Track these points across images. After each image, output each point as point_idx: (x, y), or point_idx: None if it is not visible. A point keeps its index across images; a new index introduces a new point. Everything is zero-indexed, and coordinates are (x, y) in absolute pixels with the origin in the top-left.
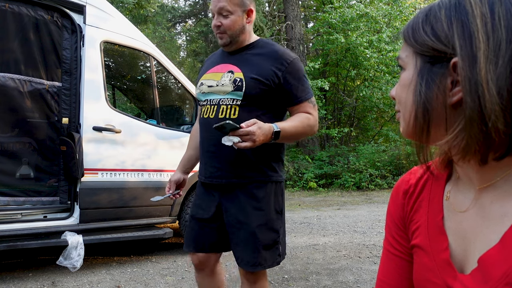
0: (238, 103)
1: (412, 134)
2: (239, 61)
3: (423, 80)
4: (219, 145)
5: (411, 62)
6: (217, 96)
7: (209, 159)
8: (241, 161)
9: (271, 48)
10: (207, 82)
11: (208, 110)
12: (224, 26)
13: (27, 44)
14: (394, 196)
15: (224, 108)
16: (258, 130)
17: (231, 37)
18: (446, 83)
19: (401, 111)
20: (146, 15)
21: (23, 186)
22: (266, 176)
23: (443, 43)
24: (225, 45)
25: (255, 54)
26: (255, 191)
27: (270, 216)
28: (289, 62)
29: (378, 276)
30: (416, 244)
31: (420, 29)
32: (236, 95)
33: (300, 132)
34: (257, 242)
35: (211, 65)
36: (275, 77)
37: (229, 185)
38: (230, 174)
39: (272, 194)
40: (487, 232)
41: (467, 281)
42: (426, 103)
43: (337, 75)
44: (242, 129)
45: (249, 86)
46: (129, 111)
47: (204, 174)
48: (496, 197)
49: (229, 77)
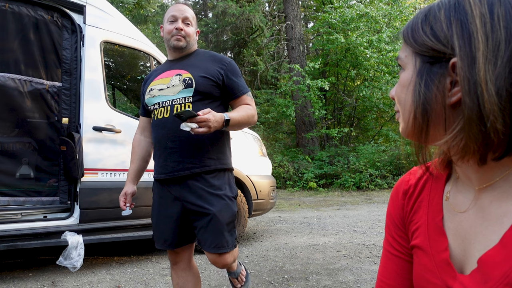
0: (190, 100)
1: (411, 134)
2: (185, 66)
3: (422, 80)
4: (178, 141)
5: (411, 62)
6: (168, 98)
7: (169, 155)
8: (198, 151)
9: (209, 53)
10: (156, 86)
11: (161, 111)
12: (185, 32)
13: (27, 44)
14: (393, 197)
15: (178, 107)
16: (213, 117)
17: (188, 43)
18: (445, 83)
19: (401, 111)
20: (146, 15)
21: (23, 186)
22: (222, 163)
23: (442, 43)
24: (181, 47)
25: (197, 59)
26: (213, 179)
27: (227, 201)
28: (228, 63)
29: (378, 276)
30: (416, 244)
31: (420, 30)
32: (187, 92)
33: (245, 120)
34: (220, 225)
35: (157, 74)
36: (220, 75)
37: (190, 176)
38: (191, 165)
39: (227, 180)
40: (486, 232)
41: (466, 281)
42: (425, 103)
43: (337, 75)
44: (199, 117)
45: (198, 83)
46: (129, 111)
47: (165, 171)
48: (495, 197)
49: (178, 78)
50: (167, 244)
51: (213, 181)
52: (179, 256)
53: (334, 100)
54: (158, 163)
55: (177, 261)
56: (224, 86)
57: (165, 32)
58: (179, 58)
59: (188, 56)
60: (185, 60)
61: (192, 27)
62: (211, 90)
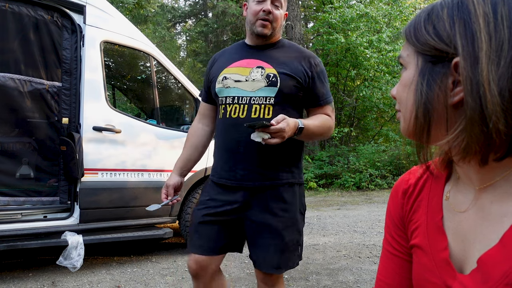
0: (271, 102)
1: (412, 134)
2: (268, 58)
3: (424, 80)
4: (249, 147)
5: (413, 62)
6: (246, 94)
7: (239, 162)
8: (272, 162)
9: (296, 47)
10: (232, 76)
11: (236, 109)
12: (274, 15)
13: (27, 44)
14: (393, 196)
15: (257, 107)
16: (287, 126)
17: (273, 29)
18: (448, 83)
19: (402, 111)
20: (146, 15)
21: (23, 186)
22: (294, 177)
23: (445, 43)
24: (265, 35)
25: (282, 52)
26: (285, 194)
27: (296, 217)
28: (317, 64)
29: (377, 276)
30: (415, 244)
31: (422, 28)
32: (269, 92)
33: (320, 132)
34: (283, 244)
35: (233, 59)
36: (306, 76)
37: (260, 188)
38: (262, 176)
39: (297, 195)
40: (486, 232)
41: (466, 281)
42: (427, 103)
43: (337, 75)
44: (273, 127)
45: (283, 83)
46: (129, 111)
47: (232, 177)
48: (495, 197)
49: (260, 72)
50: (209, 250)
51: (284, 195)
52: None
53: (334, 100)
54: (223, 167)
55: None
56: (309, 90)
57: (250, 13)
58: (260, 46)
59: (271, 46)
60: (268, 50)
61: (281, 9)
62: (295, 93)
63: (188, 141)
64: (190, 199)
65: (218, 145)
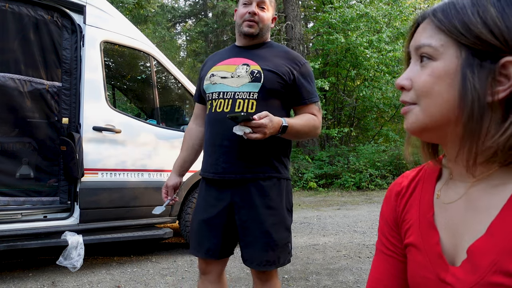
0: (255, 97)
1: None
2: (254, 56)
3: (467, 74)
4: (233, 140)
5: (451, 53)
6: (231, 89)
7: (222, 155)
8: (255, 155)
9: (283, 48)
10: (219, 73)
11: (221, 104)
12: (259, 17)
13: (27, 44)
14: (387, 198)
15: (241, 102)
16: (270, 123)
17: (260, 30)
18: (495, 78)
19: (424, 103)
20: (146, 15)
21: (23, 186)
22: (278, 172)
23: (499, 40)
24: (251, 34)
25: (268, 52)
26: (268, 189)
27: (283, 214)
28: (302, 64)
29: (369, 276)
30: (409, 242)
31: (471, 19)
32: (253, 87)
33: (305, 131)
34: (271, 241)
35: (221, 59)
36: (290, 73)
37: (241, 181)
38: (244, 169)
39: (284, 192)
40: (474, 223)
41: (458, 272)
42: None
43: (337, 75)
44: (254, 121)
45: (267, 79)
46: (129, 111)
47: (215, 171)
48: (484, 190)
49: (245, 69)
50: (210, 253)
51: (269, 192)
52: (211, 266)
53: (334, 100)
54: (207, 161)
55: (208, 271)
56: (293, 88)
57: (237, 16)
58: (248, 46)
59: (258, 46)
60: (255, 50)
61: (268, 12)
62: (278, 89)
63: (185, 142)
64: (190, 199)
65: (205, 140)
